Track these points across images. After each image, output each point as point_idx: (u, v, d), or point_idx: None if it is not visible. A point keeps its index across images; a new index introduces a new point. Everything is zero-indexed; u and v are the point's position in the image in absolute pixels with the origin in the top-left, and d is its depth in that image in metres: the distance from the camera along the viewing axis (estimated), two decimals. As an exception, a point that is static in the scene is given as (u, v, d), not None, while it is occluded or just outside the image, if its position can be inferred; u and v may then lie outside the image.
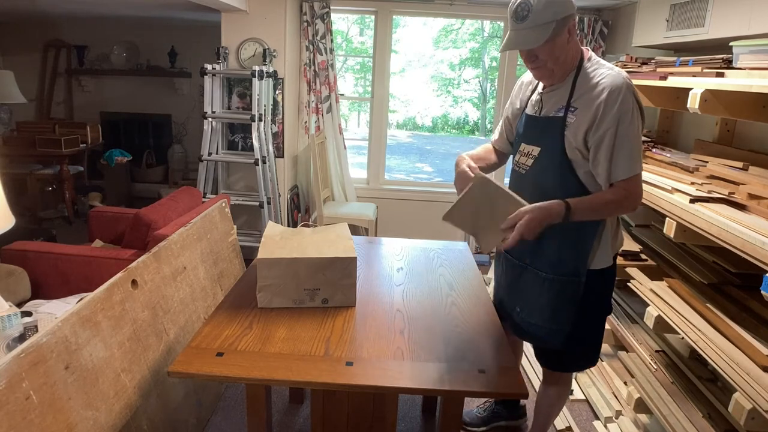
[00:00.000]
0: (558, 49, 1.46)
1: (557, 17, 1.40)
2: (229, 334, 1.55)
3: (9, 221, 1.54)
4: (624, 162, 1.43)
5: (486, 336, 1.62)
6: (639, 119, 1.45)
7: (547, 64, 1.49)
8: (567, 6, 1.42)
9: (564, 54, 1.48)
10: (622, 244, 1.71)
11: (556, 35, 1.42)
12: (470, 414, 2.29)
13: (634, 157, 1.44)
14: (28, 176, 4.73)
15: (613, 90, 1.41)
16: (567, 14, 1.42)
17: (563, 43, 1.46)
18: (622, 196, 1.46)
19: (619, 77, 1.44)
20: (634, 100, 1.43)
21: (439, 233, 4.42)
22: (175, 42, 5.47)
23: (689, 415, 1.85)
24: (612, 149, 1.43)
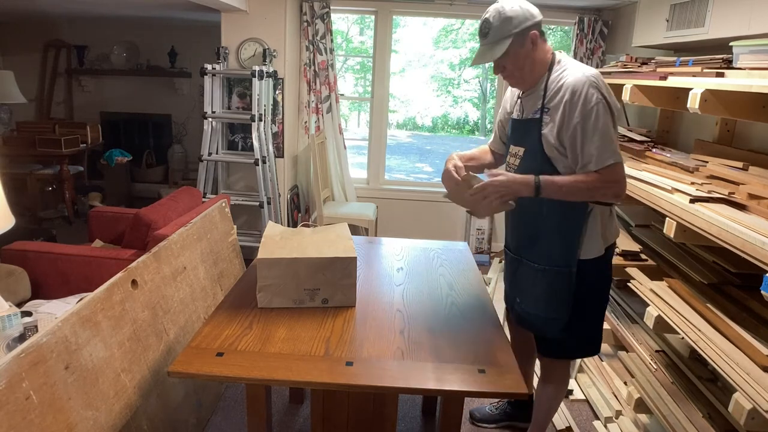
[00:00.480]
0: (521, 59, 1.58)
1: (514, 30, 1.53)
2: (229, 334, 1.55)
3: (9, 221, 1.54)
4: (594, 154, 1.49)
5: (486, 336, 1.62)
6: (606, 112, 1.49)
7: (515, 73, 1.62)
8: (524, 19, 1.54)
9: (529, 62, 1.59)
10: (616, 234, 1.74)
11: (518, 47, 1.56)
12: (481, 410, 2.30)
13: (604, 149, 1.48)
14: (28, 176, 4.73)
15: (575, 88, 1.50)
16: (525, 26, 1.54)
17: (527, 53, 1.57)
18: (598, 181, 1.51)
19: (581, 75, 1.51)
20: (599, 94, 1.48)
21: (439, 233, 4.42)
22: (175, 42, 5.47)
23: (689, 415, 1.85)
24: (582, 144, 1.51)
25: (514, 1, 1.56)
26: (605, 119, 1.48)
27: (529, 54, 1.57)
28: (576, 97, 1.50)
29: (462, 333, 1.63)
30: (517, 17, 1.53)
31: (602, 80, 1.53)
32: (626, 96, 2.35)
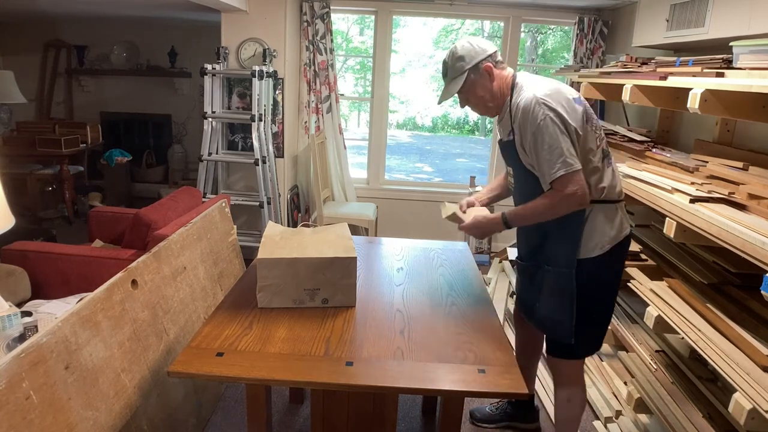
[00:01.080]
0: (480, 90, 1.71)
1: (468, 66, 1.68)
2: (229, 334, 1.55)
3: (9, 221, 1.54)
4: (547, 167, 1.57)
5: (486, 336, 1.62)
6: (553, 125, 1.54)
7: (477, 104, 1.76)
8: (475, 55, 1.68)
9: (488, 92, 1.71)
10: (621, 232, 1.72)
11: (473, 80, 1.69)
12: (482, 410, 2.30)
13: (552, 161, 1.55)
14: (28, 176, 4.73)
15: (525, 109, 1.60)
16: (477, 61, 1.67)
17: (483, 84, 1.70)
18: (555, 197, 1.58)
19: (531, 94, 1.59)
20: (545, 110, 1.55)
21: (439, 233, 4.42)
22: (175, 42, 5.47)
23: (689, 415, 1.85)
24: (537, 161, 1.61)
25: (466, 40, 1.71)
26: (552, 132, 1.54)
27: (486, 85, 1.70)
28: (526, 117, 1.59)
29: (462, 333, 1.63)
30: (468, 54, 1.68)
31: (556, 95, 1.59)
32: (626, 96, 2.35)
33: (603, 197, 1.67)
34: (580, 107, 1.62)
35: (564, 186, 1.55)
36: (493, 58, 1.70)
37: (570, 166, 1.54)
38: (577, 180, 1.56)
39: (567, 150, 1.54)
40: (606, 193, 1.67)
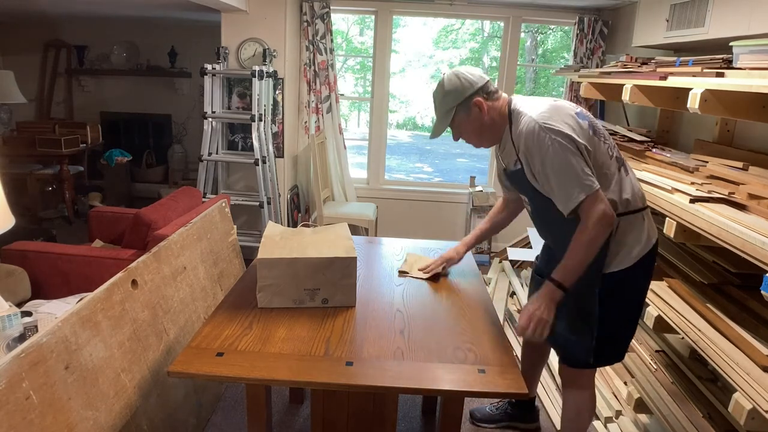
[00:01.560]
0: (472, 124, 1.64)
1: (455, 103, 1.61)
2: (229, 334, 1.55)
3: (9, 221, 1.54)
4: (565, 194, 1.49)
5: (486, 336, 1.62)
6: (562, 148, 1.46)
7: (471, 138, 1.70)
8: (464, 90, 1.60)
9: (480, 125, 1.64)
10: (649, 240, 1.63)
11: (464, 115, 1.63)
12: (482, 410, 2.30)
13: (570, 188, 1.47)
14: (28, 176, 4.73)
15: (528, 136, 1.52)
16: (464, 97, 1.60)
17: (475, 118, 1.62)
18: (587, 227, 1.47)
19: (531, 121, 1.51)
20: (550, 134, 1.47)
21: (439, 233, 4.42)
22: (175, 42, 5.47)
23: (689, 415, 1.85)
24: (552, 189, 1.53)
25: (454, 73, 1.62)
26: (562, 157, 1.47)
27: (478, 118, 1.62)
28: (531, 145, 1.52)
29: (462, 333, 1.63)
30: (456, 90, 1.60)
31: (557, 114, 1.51)
32: (626, 96, 2.35)
33: (628, 209, 1.59)
34: (585, 122, 1.55)
35: (590, 209, 1.46)
36: (485, 90, 1.61)
37: (590, 188, 1.46)
38: (600, 199, 1.47)
39: (582, 171, 1.46)
40: (631, 203, 1.59)
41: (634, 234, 1.61)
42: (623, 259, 1.60)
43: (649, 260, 1.64)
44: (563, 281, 1.53)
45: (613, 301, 1.63)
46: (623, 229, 1.59)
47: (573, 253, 1.51)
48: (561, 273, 1.53)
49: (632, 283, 1.65)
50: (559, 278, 1.53)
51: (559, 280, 1.53)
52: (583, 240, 1.49)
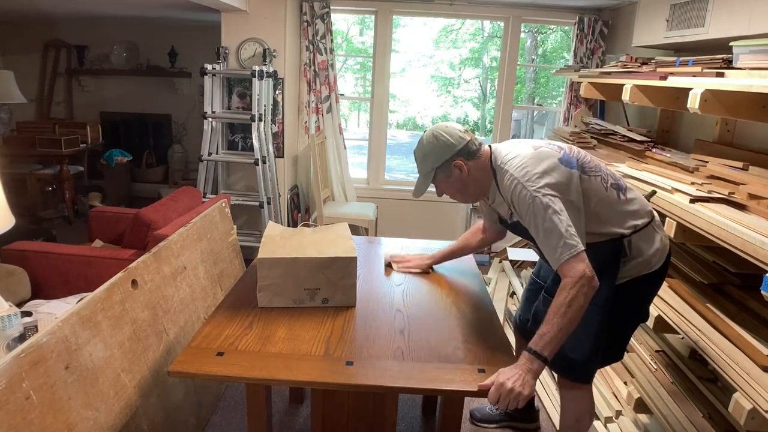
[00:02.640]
0: (453, 183, 1.64)
1: (435, 166, 1.60)
2: (229, 333, 1.55)
3: (9, 221, 1.54)
4: (551, 252, 1.43)
5: (486, 336, 1.62)
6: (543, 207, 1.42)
7: (455, 195, 1.70)
8: (443, 153, 1.58)
9: (462, 183, 1.62)
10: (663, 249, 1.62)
11: (444, 177, 1.62)
12: (482, 410, 2.30)
13: (553, 247, 1.42)
14: (28, 176, 4.73)
15: (510, 196, 1.51)
16: (444, 160, 1.58)
17: (457, 178, 1.61)
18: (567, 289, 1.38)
19: (511, 179, 1.49)
20: (530, 192, 1.44)
21: (439, 233, 4.42)
22: (175, 42, 5.47)
23: (689, 415, 1.85)
24: (541, 246, 1.48)
25: (432, 134, 1.60)
26: (543, 216, 1.42)
27: (459, 178, 1.61)
28: (516, 204, 1.50)
29: (462, 333, 1.63)
30: (434, 152, 1.59)
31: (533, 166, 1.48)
32: (626, 96, 2.35)
33: (636, 230, 1.58)
34: (569, 166, 1.50)
35: (571, 269, 1.39)
36: (465, 151, 1.57)
37: (573, 248, 1.39)
38: (581, 259, 1.40)
39: (566, 231, 1.40)
40: (639, 225, 1.58)
41: (649, 243, 1.59)
42: (642, 266, 1.59)
43: (665, 267, 1.64)
44: (542, 351, 1.37)
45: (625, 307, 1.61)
46: (636, 244, 1.57)
47: (552, 318, 1.38)
48: (539, 341, 1.38)
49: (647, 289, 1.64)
50: (537, 348, 1.38)
51: (538, 350, 1.37)
52: (562, 302, 1.38)
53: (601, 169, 1.60)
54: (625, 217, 1.57)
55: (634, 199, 1.61)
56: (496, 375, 1.36)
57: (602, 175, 1.58)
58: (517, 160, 1.52)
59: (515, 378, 1.33)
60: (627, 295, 1.61)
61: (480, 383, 1.36)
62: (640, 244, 1.58)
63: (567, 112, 4.07)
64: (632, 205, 1.59)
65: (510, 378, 1.33)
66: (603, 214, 1.54)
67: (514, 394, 1.32)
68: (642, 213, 1.60)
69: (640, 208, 1.61)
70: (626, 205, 1.58)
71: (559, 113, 4.33)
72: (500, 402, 1.33)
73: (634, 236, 1.57)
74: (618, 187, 1.60)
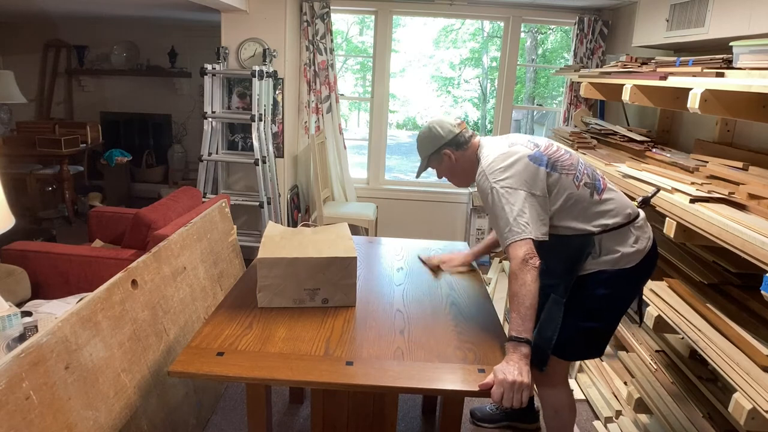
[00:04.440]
0: (445, 169, 1.82)
1: (428, 153, 1.80)
2: (229, 333, 1.55)
3: (9, 221, 1.54)
4: (500, 236, 1.58)
5: (486, 336, 1.62)
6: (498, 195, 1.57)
7: (450, 180, 1.87)
8: (435, 143, 1.77)
9: (452, 169, 1.81)
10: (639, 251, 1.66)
11: (437, 163, 1.82)
12: (482, 410, 2.30)
13: (501, 229, 1.56)
14: (28, 176, 4.73)
15: (478, 186, 1.68)
16: (436, 148, 1.77)
17: (447, 166, 1.80)
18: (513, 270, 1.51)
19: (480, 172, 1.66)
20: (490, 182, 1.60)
21: (439, 233, 4.42)
22: (175, 42, 5.47)
23: (689, 415, 1.85)
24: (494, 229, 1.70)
25: (430, 125, 1.79)
26: (497, 202, 1.56)
27: (450, 166, 1.79)
28: (480, 191, 1.67)
29: (462, 333, 1.63)
30: (428, 142, 1.79)
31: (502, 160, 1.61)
32: (626, 96, 2.35)
33: (607, 229, 1.63)
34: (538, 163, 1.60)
35: (515, 253, 1.51)
36: (453, 142, 1.75)
37: (516, 234, 1.51)
38: (523, 244, 1.50)
39: (514, 219, 1.52)
40: (610, 225, 1.63)
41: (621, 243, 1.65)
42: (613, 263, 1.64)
43: (640, 269, 1.67)
44: (519, 333, 1.45)
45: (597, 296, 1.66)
46: (606, 242, 1.64)
47: (513, 304, 1.50)
48: (514, 327, 1.47)
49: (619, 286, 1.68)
50: (516, 333, 1.45)
51: (516, 335, 1.45)
52: (515, 288, 1.50)
53: (576, 168, 1.67)
54: (596, 216, 1.64)
55: (610, 200, 1.66)
56: (493, 373, 1.39)
57: (576, 174, 1.65)
58: (491, 156, 1.66)
59: (511, 368, 1.38)
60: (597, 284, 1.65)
61: (480, 383, 1.37)
62: (610, 243, 1.64)
63: (567, 112, 4.07)
64: (606, 205, 1.65)
65: (506, 371, 1.37)
66: (572, 211, 1.63)
67: (516, 386, 1.35)
68: (616, 213, 1.65)
69: (615, 209, 1.65)
70: (599, 205, 1.64)
71: (559, 113, 4.33)
72: (505, 398, 1.35)
73: (605, 235, 1.63)
74: (593, 186, 1.66)
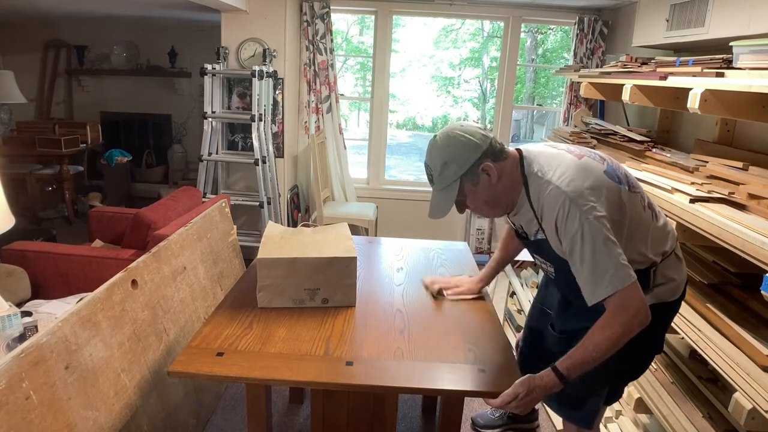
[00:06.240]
0: (482, 192, 1.37)
1: (459, 175, 1.33)
2: (229, 333, 1.55)
3: (9, 221, 1.54)
4: (593, 283, 1.24)
5: (486, 336, 1.62)
6: (596, 232, 1.22)
7: (481, 208, 1.43)
8: (467, 159, 1.32)
9: (492, 192, 1.37)
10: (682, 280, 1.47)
11: (471, 186, 1.35)
12: (483, 416, 2.29)
13: (596, 280, 1.23)
14: (28, 176, 4.73)
15: (551, 209, 1.28)
16: (469, 166, 1.32)
17: (485, 186, 1.35)
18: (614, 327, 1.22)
19: (557, 192, 1.27)
20: (582, 212, 1.23)
21: (439, 233, 4.42)
22: (175, 42, 5.47)
23: (689, 415, 1.85)
24: (578, 272, 1.27)
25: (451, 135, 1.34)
26: (596, 241, 1.22)
27: (488, 186, 1.35)
28: (555, 221, 1.28)
29: (462, 333, 1.63)
30: (459, 157, 1.32)
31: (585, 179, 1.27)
32: (626, 96, 2.35)
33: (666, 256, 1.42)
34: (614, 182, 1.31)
35: (620, 308, 1.21)
36: (492, 151, 1.33)
37: (626, 279, 1.21)
38: (634, 295, 1.22)
39: (618, 261, 1.21)
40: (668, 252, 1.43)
41: (674, 271, 1.45)
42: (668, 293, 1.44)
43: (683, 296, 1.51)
44: (568, 375, 1.27)
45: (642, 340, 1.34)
46: (662, 271, 1.42)
47: (589, 347, 1.25)
48: (569, 364, 1.27)
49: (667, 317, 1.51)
50: (564, 371, 1.27)
51: (564, 373, 1.27)
52: (606, 337, 1.23)
53: (640, 186, 1.42)
54: (658, 243, 1.39)
55: (665, 223, 1.46)
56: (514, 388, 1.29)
57: (641, 193, 1.40)
58: (560, 169, 1.29)
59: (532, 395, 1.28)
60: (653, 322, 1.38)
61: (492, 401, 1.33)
62: (666, 272, 1.42)
63: (567, 112, 4.07)
64: (663, 230, 1.43)
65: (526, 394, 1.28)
66: (638, 238, 1.34)
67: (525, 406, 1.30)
68: (670, 238, 1.44)
69: (669, 233, 1.44)
70: (657, 230, 1.40)
71: (559, 113, 4.33)
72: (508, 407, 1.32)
73: (661, 265, 1.40)
74: (652, 208, 1.42)
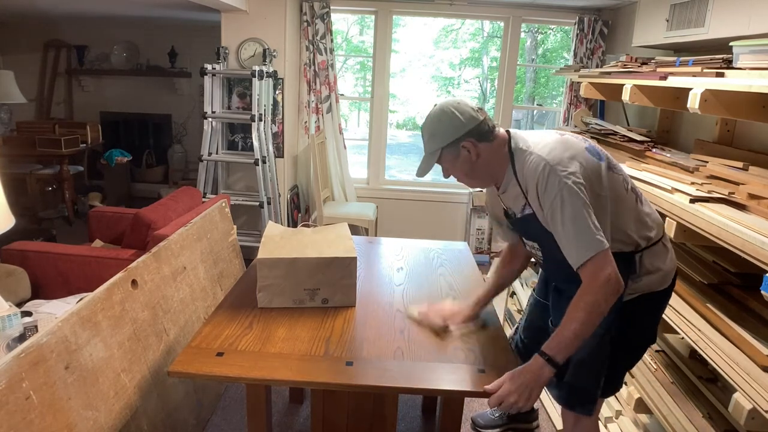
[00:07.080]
0: (461, 165, 1.47)
1: (442, 145, 1.44)
2: (229, 334, 1.55)
3: (9, 221, 1.54)
4: (575, 248, 1.30)
5: (486, 336, 1.62)
6: (574, 196, 1.29)
7: (461, 178, 1.52)
8: (451, 133, 1.42)
9: (470, 166, 1.46)
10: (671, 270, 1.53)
11: (451, 157, 1.46)
12: (484, 416, 2.29)
13: (578, 243, 1.29)
14: (28, 176, 4.73)
15: (533, 178, 1.36)
16: (452, 140, 1.42)
17: (464, 160, 1.45)
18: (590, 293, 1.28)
19: (539, 160, 1.35)
20: (561, 177, 1.30)
21: (439, 233, 4.42)
22: (175, 42, 5.47)
23: (689, 415, 1.85)
24: (560, 237, 1.33)
25: (444, 109, 1.45)
26: (574, 206, 1.28)
27: (467, 160, 1.45)
28: (537, 189, 1.35)
29: (462, 333, 1.63)
30: (443, 132, 1.43)
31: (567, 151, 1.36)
32: (626, 96, 2.35)
33: (650, 243, 1.47)
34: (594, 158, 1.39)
35: (596, 271, 1.27)
36: (476, 132, 1.41)
37: (599, 245, 1.27)
38: (609, 260, 1.28)
39: (593, 224, 1.27)
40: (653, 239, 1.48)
41: (661, 260, 1.50)
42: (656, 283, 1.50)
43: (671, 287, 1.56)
44: (555, 355, 1.29)
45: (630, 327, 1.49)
46: (650, 260, 1.48)
47: (571, 320, 1.29)
48: (554, 345, 1.31)
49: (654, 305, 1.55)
50: (551, 352, 1.30)
51: (551, 354, 1.30)
52: (582, 307, 1.28)
53: (622, 169, 1.48)
54: (642, 226, 1.45)
55: (650, 212, 1.51)
56: (504, 379, 1.32)
57: (624, 175, 1.47)
58: (544, 143, 1.39)
59: (521, 390, 1.30)
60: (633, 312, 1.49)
61: (486, 386, 1.34)
62: (652, 260, 1.48)
63: (567, 112, 4.07)
64: (647, 216, 1.48)
65: (516, 391, 1.30)
66: (621, 217, 1.40)
67: (517, 407, 1.30)
68: (653, 224, 1.50)
69: (654, 221, 1.50)
70: (642, 215, 1.47)
71: (559, 113, 4.33)
72: (501, 407, 1.33)
73: (647, 251, 1.46)
74: (635, 192, 1.49)
